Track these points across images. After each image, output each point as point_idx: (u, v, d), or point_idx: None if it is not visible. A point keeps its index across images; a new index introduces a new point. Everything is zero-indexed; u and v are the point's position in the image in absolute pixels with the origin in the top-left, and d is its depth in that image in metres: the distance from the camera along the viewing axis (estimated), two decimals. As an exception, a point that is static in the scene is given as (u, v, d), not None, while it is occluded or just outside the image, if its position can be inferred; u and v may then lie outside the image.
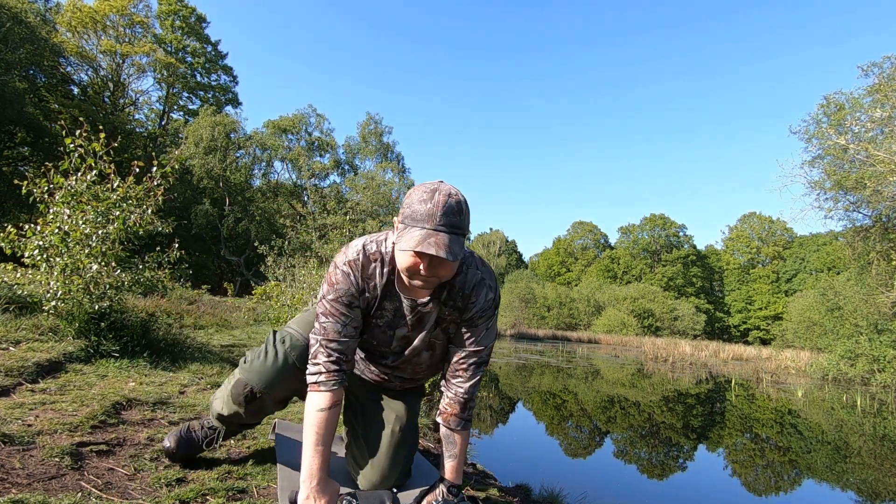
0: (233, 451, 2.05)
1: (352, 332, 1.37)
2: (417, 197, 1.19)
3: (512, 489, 2.70)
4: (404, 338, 1.46)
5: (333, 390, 1.32)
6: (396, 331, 1.44)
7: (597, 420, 6.69)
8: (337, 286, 1.34)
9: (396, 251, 1.25)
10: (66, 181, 3.48)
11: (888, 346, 13.10)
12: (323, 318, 1.35)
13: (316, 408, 1.31)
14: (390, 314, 1.41)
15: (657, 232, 53.06)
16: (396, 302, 1.39)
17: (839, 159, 12.29)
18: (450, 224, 1.16)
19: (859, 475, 4.79)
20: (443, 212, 1.15)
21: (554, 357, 16.32)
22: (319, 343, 1.35)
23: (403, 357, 1.50)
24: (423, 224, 1.16)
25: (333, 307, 1.34)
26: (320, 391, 1.32)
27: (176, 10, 27.81)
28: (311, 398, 1.33)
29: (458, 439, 1.45)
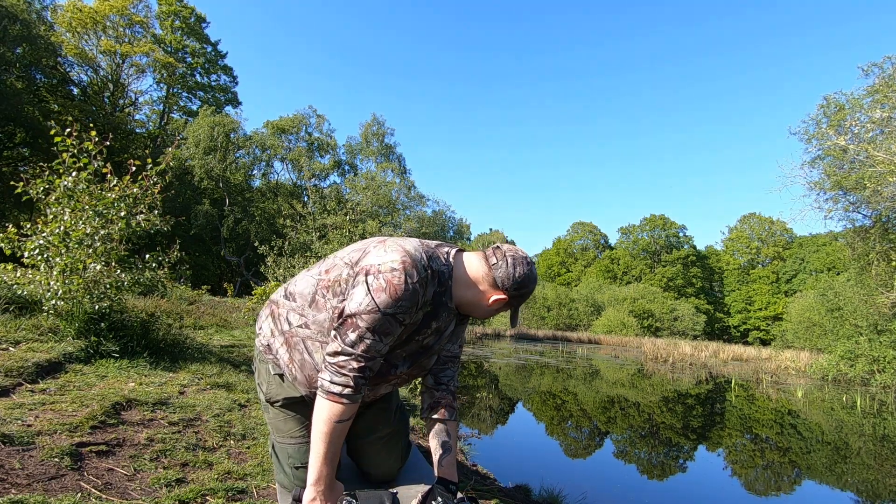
0: (232, 451, 2.05)
1: (386, 350, 1.31)
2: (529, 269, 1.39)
3: (512, 489, 2.70)
4: (422, 345, 1.45)
5: (357, 402, 1.28)
6: (435, 348, 1.47)
7: (597, 421, 6.69)
8: (401, 301, 1.24)
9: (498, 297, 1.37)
10: (60, 181, 3.47)
11: (888, 346, 13.09)
12: (370, 334, 1.24)
13: (335, 419, 1.24)
14: (433, 331, 1.40)
15: (657, 232, 53.05)
16: (441, 321, 1.40)
17: (839, 160, 12.29)
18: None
19: (859, 475, 4.79)
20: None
21: (554, 357, 16.31)
22: (356, 357, 1.25)
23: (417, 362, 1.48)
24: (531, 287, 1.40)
25: (388, 323, 1.25)
26: (343, 403, 1.25)
27: (176, 10, 27.81)
28: (330, 407, 1.25)
29: (452, 430, 1.51)
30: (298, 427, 1.49)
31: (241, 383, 3.38)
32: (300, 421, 1.49)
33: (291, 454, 1.49)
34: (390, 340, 1.28)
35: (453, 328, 1.50)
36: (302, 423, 1.49)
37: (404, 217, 23.84)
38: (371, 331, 1.23)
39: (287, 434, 1.50)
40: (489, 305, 1.38)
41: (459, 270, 1.39)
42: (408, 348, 1.40)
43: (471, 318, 1.54)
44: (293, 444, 1.48)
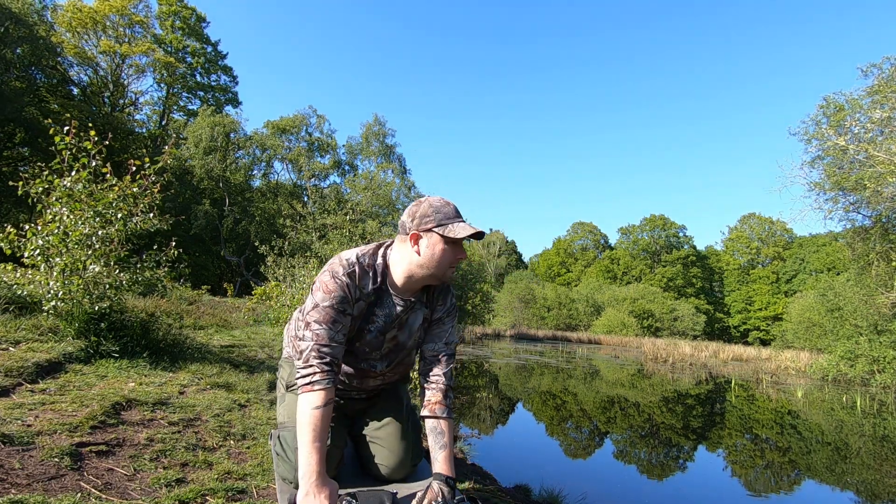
0: (232, 451, 2.05)
1: (342, 338, 1.45)
2: (438, 204, 1.48)
3: (512, 489, 2.70)
4: (393, 339, 1.58)
5: (327, 388, 1.38)
6: (387, 335, 1.56)
7: (597, 421, 6.69)
8: (333, 294, 1.44)
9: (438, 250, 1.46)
10: (59, 180, 3.47)
11: (888, 346, 13.10)
12: (317, 325, 1.43)
13: (311, 406, 1.36)
14: (381, 320, 1.53)
15: (657, 232, 53.04)
16: (387, 308, 1.53)
17: (839, 160, 12.28)
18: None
19: (859, 476, 4.79)
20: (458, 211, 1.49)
21: (554, 358, 16.31)
22: (311, 348, 1.41)
23: (396, 359, 1.61)
24: (457, 219, 1.47)
25: (328, 314, 1.43)
26: (314, 390, 1.37)
27: (176, 10, 27.81)
28: (305, 399, 1.37)
29: (445, 427, 1.56)
30: None
31: (241, 383, 3.38)
32: None
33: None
34: (339, 328, 1.43)
35: (421, 322, 1.60)
36: None
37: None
38: (318, 322, 1.42)
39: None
40: (421, 257, 1.47)
41: (392, 255, 1.54)
42: (367, 340, 1.53)
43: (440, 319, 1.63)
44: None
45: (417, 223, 1.48)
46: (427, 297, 1.62)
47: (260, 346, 5.94)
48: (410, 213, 1.49)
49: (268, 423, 2.53)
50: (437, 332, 1.64)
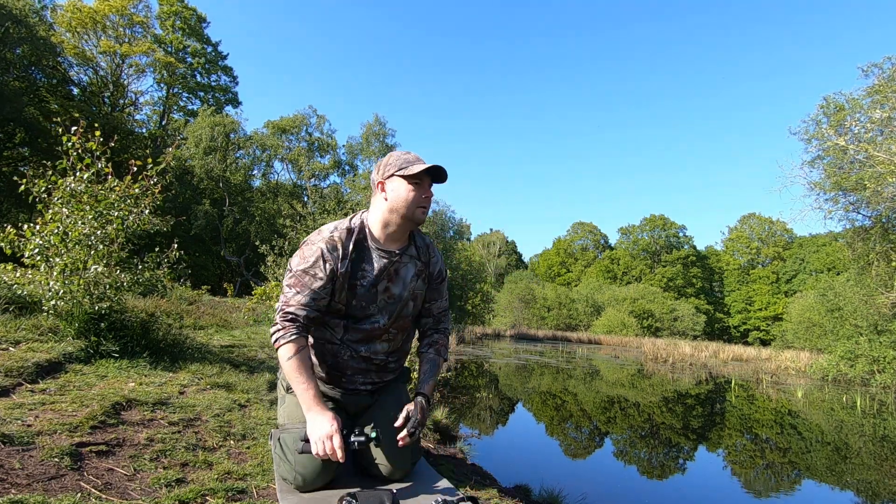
0: (232, 451, 2.05)
1: (311, 303, 1.54)
2: (398, 154, 1.64)
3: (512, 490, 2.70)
4: (386, 290, 1.66)
5: (294, 339, 1.51)
6: (378, 286, 1.64)
7: (597, 421, 6.69)
8: (306, 258, 1.56)
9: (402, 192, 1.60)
10: (63, 181, 3.47)
11: (888, 346, 13.09)
12: (287, 288, 1.56)
13: (286, 358, 1.51)
14: (371, 273, 1.62)
15: (657, 233, 53.04)
16: (373, 262, 1.63)
17: (839, 160, 12.28)
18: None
19: (859, 476, 4.79)
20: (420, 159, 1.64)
21: (554, 358, 16.31)
22: (280, 310, 1.55)
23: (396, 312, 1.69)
24: (416, 161, 1.62)
25: (298, 279, 1.55)
26: (283, 344, 1.51)
27: (177, 10, 27.81)
28: (281, 353, 1.52)
29: (440, 363, 1.80)
30: None
31: (241, 383, 3.38)
32: None
33: (299, 441, 1.57)
34: (307, 292, 1.54)
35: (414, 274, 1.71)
36: None
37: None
38: (288, 286, 1.56)
39: (300, 419, 1.61)
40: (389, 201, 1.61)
41: (368, 213, 1.69)
42: (369, 296, 1.62)
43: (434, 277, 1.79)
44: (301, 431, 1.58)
45: (382, 173, 1.63)
46: (417, 252, 1.74)
47: (260, 346, 5.94)
48: (377, 167, 1.66)
49: (268, 423, 2.53)
50: (439, 290, 1.82)
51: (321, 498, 1.52)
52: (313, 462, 1.52)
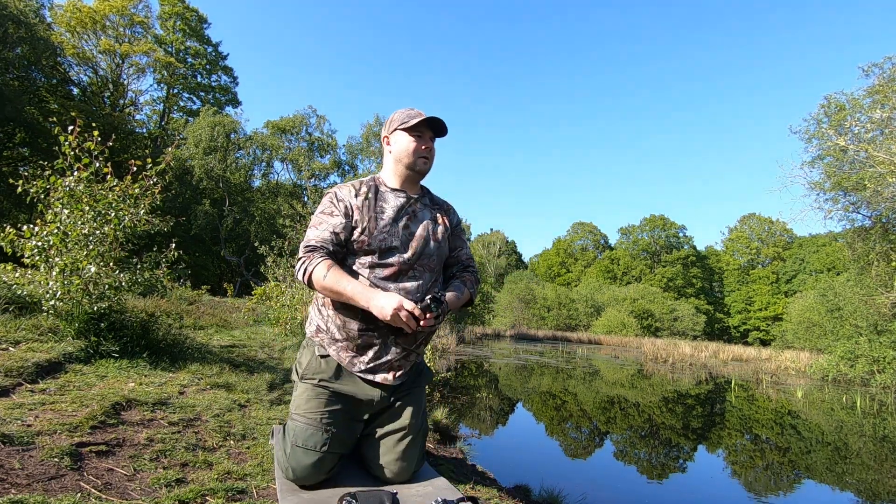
0: (232, 451, 2.05)
1: (329, 236, 1.62)
2: (404, 110, 1.77)
3: (512, 490, 2.70)
4: (406, 227, 1.71)
5: (322, 259, 1.57)
6: (399, 222, 1.70)
7: (596, 421, 6.69)
8: (325, 204, 1.69)
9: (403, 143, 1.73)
10: (62, 181, 3.46)
11: (888, 346, 13.09)
12: (310, 230, 1.66)
13: (322, 276, 1.55)
14: (389, 209, 1.70)
15: (657, 233, 53.02)
16: (390, 201, 1.72)
17: (839, 160, 12.28)
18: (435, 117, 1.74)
19: (859, 476, 4.79)
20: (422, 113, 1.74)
21: (554, 358, 16.31)
22: (303, 248, 1.62)
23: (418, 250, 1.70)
24: (417, 115, 1.73)
25: (316, 221, 1.67)
26: (314, 268, 1.56)
27: (178, 11, 27.81)
28: (315, 278, 1.56)
29: (464, 290, 1.79)
30: (317, 410, 1.61)
31: (241, 383, 3.38)
32: (321, 404, 1.62)
33: (298, 432, 1.58)
34: (325, 226, 1.63)
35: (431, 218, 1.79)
36: (322, 407, 1.62)
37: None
38: (311, 227, 1.67)
39: (304, 412, 1.61)
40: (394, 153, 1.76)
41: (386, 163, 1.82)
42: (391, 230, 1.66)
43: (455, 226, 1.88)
44: (304, 423, 1.59)
45: (387, 128, 1.80)
46: (432, 202, 1.85)
47: (260, 346, 5.94)
48: (385, 125, 1.81)
49: (268, 422, 2.53)
50: (461, 237, 1.91)
51: (321, 498, 1.52)
52: (307, 461, 1.55)
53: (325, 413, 1.60)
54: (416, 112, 1.75)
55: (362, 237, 1.63)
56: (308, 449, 1.56)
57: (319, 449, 1.56)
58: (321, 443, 1.57)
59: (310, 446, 1.56)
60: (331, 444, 1.58)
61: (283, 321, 7.38)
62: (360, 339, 1.62)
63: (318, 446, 1.56)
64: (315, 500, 1.50)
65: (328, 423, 1.60)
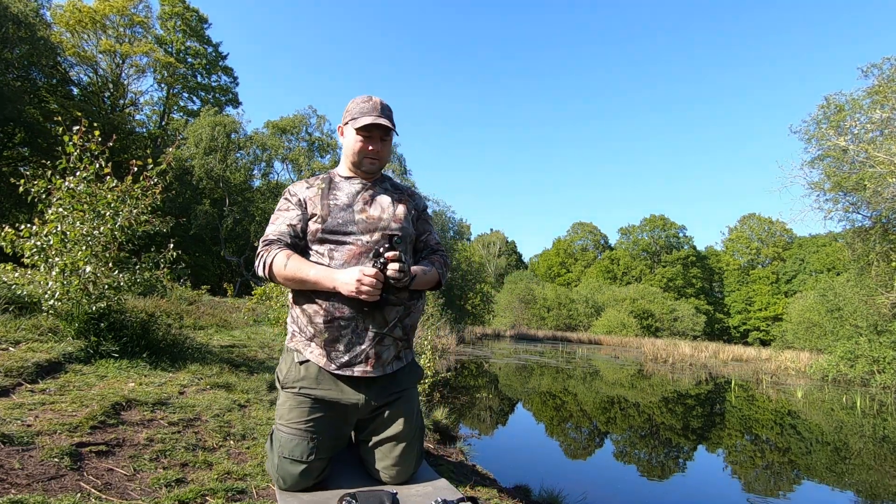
0: (232, 451, 2.05)
1: (286, 228, 1.65)
2: (360, 101, 1.71)
3: (512, 490, 2.70)
4: (363, 211, 1.68)
5: (280, 250, 1.59)
6: (354, 207, 1.68)
7: (596, 421, 6.69)
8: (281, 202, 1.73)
9: (350, 140, 1.70)
10: (63, 181, 3.45)
11: (888, 347, 13.09)
12: (268, 227, 1.70)
13: (282, 265, 1.56)
14: (343, 194, 1.70)
15: (657, 233, 53.02)
16: (344, 189, 1.72)
17: (839, 160, 12.28)
18: (385, 115, 1.70)
19: (859, 476, 4.79)
20: (380, 108, 1.70)
21: (554, 358, 16.30)
22: (261, 243, 1.65)
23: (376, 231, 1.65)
24: (369, 113, 1.68)
25: (275, 215, 1.71)
26: (272, 259, 1.58)
27: (178, 12, 27.79)
28: (275, 268, 1.57)
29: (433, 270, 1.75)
30: (300, 420, 1.58)
31: (241, 383, 3.38)
32: (304, 413, 1.58)
33: (283, 443, 1.56)
34: (281, 220, 1.67)
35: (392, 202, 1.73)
36: (305, 416, 1.58)
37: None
38: (270, 223, 1.70)
39: (287, 422, 1.59)
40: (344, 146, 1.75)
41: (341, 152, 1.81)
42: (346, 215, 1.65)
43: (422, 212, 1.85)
44: (288, 433, 1.57)
45: (343, 119, 1.76)
46: (393, 187, 1.82)
47: (260, 346, 5.94)
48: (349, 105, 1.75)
49: (267, 422, 2.53)
50: (428, 221, 1.88)
51: (321, 499, 1.52)
52: (294, 471, 1.54)
53: (308, 422, 1.57)
54: (371, 106, 1.69)
55: (318, 225, 1.62)
56: (294, 460, 1.54)
57: (306, 459, 1.54)
58: (307, 452, 1.54)
59: (296, 457, 1.54)
60: (317, 452, 1.56)
61: (282, 321, 7.37)
62: (328, 331, 1.57)
63: (305, 456, 1.54)
64: (315, 501, 1.50)
65: (312, 433, 1.56)
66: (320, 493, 1.55)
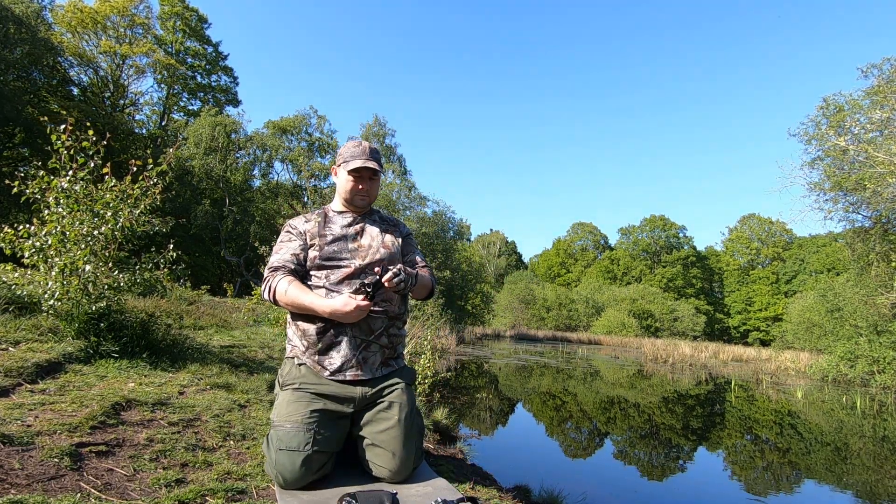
0: (232, 451, 2.05)
1: (290, 257, 1.82)
2: (351, 146, 1.93)
3: (512, 490, 2.70)
4: (355, 241, 1.88)
5: (284, 276, 1.76)
6: (347, 239, 1.88)
7: (596, 421, 6.69)
8: (283, 234, 1.91)
9: (342, 180, 1.92)
10: (57, 181, 3.42)
11: (888, 347, 13.08)
12: (272, 255, 1.85)
13: (284, 290, 1.72)
14: (336, 228, 1.89)
15: (657, 233, 53.01)
16: (337, 224, 1.91)
17: (839, 161, 12.28)
18: (374, 158, 1.90)
19: (859, 476, 4.79)
20: (369, 152, 1.91)
21: (554, 358, 16.30)
22: (267, 270, 1.81)
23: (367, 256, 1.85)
24: (359, 157, 1.89)
25: (276, 248, 1.87)
26: (277, 283, 1.75)
27: (178, 11, 27.79)
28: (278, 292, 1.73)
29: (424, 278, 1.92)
30: (299, 412, 1.65)
31: (241, 384, 3.38)
32: (303, 406, 1.66)
33: (281, 437, 1.61)
34: (285, 250, 1.84)
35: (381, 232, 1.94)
36: (304, 408, 1.65)
37: (404, 217, 23.83)
38: (273, 254, 1.87)
39: (287, 416, 1.64)
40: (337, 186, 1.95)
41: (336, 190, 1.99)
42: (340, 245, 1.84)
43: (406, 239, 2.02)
44: (287, 426, 1.62)
45: (336, 160, 1.96)
46: (381, 219, 2.02)
47: (260, 346, 5.94)
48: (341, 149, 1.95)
49: (267, 423, 2.52)
50: (412, 244, 2.05)
51: (321, 499, 1.52)
52: (292, 463, 1.56)
53: (307, 413, 1.64)
54: (361, 150, 1.89)
55: (316, 252, 1.83)
56: (293, 450, 1.57)
57: (304, 448, 1.57)
58: (305, 442, 1.58)
59: (293, 447, 1.57)
60: (315, 442, 1.60)
61: (282, 322, 7.37)
62: (321, 341, 1.75)
63: (303, 446, 1.57)
64: (315, 501, 1.50)
65: (311, 422, 1.63)
66: (320, 493, 1.55)
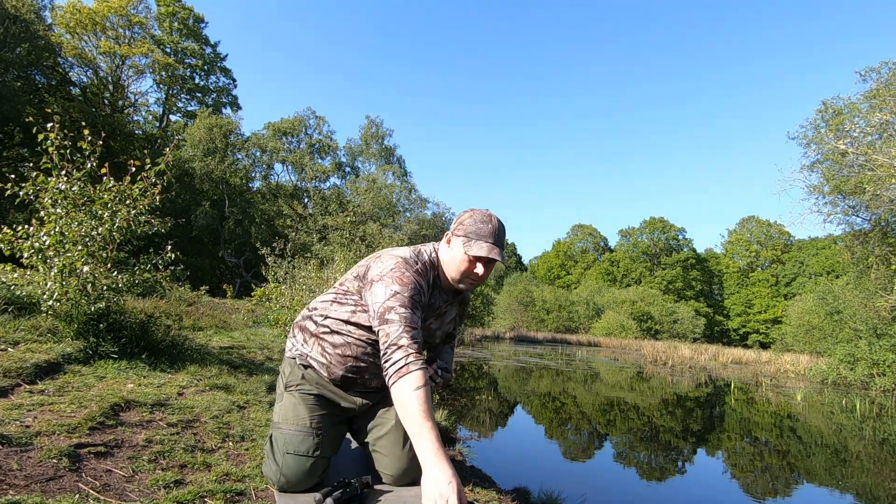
0: (231, 453, 2.05)
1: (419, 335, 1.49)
2: (479, 219, 1.61)
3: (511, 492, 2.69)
4: (427, 328, 1.71)
5: (423, 369, 1.40)
6: (429, 322, 1.72)
7: (596, 423, 6.68)
8: (411, 286, 1.52)
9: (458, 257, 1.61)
10: (53, 182, 3.40)
11: (887, 350, 13.08)
12: (403, 308, 1.46)
13: (413, 388, 1.35)
14: (431, 310, 1.70)
15: (657, 235, 53.07)
16: (434, 300, 1.69)
17: (838, 164, 12.30)
18: (500, 243, 1.63)
19: (858, 479, 4.79)
20: (499, 232, 1.62)
21: (553, 360, 16.29)
22: (403, 329, 1.43)
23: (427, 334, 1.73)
24: (487, 239, 1.58)
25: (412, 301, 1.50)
26: (412, 371, 1.38)
27: (173, 11, 27.78)
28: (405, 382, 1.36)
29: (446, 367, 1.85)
30: (305, 416, 1.62)
31: (240, 385, 3.38)
32: (308, 410, 1.64)
33: (288, 440, 1.58)
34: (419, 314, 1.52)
35: (453, 317, 1.82)
36: (310, 413, 1.63)
37: (404, 219, 23.84)
38: (402, 306, 1.47)
39: (293, 420, 1.62)
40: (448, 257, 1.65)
41: (440, 254, 1.70)
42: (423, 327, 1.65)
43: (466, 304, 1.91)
44: (294, 430, 1.60)
45: (455, 227, 1.65)
46: (461, 296, 1.84)
47: (259, 347, 5.94)
48: (458, 218, 1.67)
49: (266, 424, 2.52)
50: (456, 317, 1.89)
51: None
52: (300, 467, 1.55)
53: (313, 418, 1.64)
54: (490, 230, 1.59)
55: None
56: (300, 455, 1.56)
57: (312, 453, 1.57)
58: (313, 447, 1.58)
59: (301, 452, 1.57)
60: (321, 447, 1.60)
61: (282, 322, 7.36)
62: (342, 380, 1.70)
63: (311, 451, 1.57)
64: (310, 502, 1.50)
65: (317, 427, 1.62)
66: (312, 495, 1.55)
